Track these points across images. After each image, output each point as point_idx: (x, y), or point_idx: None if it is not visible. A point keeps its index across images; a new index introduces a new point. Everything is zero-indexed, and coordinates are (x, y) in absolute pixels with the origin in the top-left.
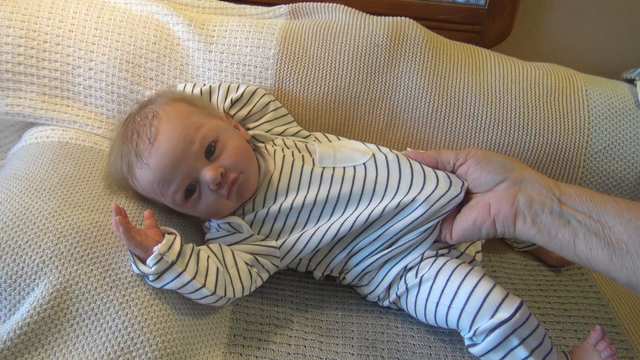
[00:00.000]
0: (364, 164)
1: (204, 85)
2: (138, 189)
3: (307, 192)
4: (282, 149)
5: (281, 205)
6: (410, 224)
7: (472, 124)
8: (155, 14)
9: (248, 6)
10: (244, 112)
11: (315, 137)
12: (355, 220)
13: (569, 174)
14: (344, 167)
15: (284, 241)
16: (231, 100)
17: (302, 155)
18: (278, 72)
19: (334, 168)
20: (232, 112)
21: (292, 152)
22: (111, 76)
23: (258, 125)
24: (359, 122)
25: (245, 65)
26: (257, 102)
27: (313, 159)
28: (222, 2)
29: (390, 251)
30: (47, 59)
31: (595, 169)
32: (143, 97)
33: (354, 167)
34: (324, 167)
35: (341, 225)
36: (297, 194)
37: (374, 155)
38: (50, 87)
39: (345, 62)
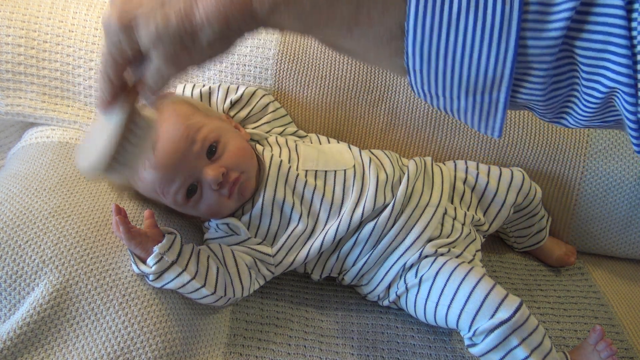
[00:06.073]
0: (344, 170)
1: (203, 86)
2: (139, 188)
3: (294, 191)
4: (271, 148)
5: (272, 201)
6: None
7: None
8: None
9: None
10: (244, 113)
11: (310, 139)
12: (338, 228)
13: (569, 174)
14: (325, 171)
15: (279, 249)
16: (230, 101)
17: (289, 155)
18: (278, 73)
19: (315, 171)
20: (231, 114)
21: (280, 151)
22: None
23: (257, 127)
24: (358, 123)
25: (245, 65)
26: (257, 103)
27: (298, 159)
28: None
29: (381, 248)
30: (47, 59)
31: (595, 169)
32: None
33: (335, 172)
34: (306, 170)
35: (325, 235)
36: (284, 192)
37: (354, 164)
38: (50, 87)
39: (345, 62)
